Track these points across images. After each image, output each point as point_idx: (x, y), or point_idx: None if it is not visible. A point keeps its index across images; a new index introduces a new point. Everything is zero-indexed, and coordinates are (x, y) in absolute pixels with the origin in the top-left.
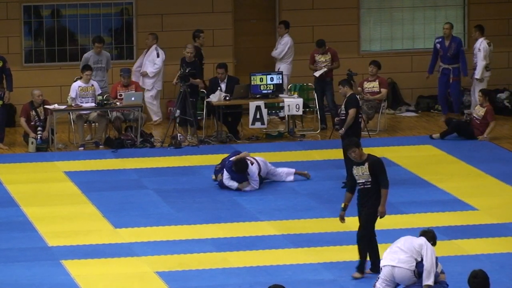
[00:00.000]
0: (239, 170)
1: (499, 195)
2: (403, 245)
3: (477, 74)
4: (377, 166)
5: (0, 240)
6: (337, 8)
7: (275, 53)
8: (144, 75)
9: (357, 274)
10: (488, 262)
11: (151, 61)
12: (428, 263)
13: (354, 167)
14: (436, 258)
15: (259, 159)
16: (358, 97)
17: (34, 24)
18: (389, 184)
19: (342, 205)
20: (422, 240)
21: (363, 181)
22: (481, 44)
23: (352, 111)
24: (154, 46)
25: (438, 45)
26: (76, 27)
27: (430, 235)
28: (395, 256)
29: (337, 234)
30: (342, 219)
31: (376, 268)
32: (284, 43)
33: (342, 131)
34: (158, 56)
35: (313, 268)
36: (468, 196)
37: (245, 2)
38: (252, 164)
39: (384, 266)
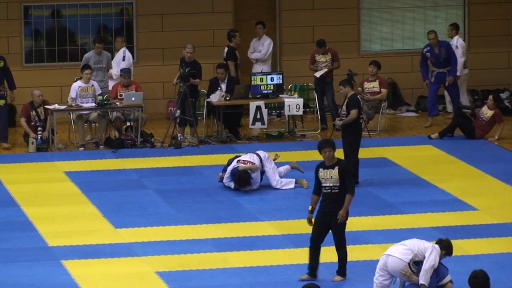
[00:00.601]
0: (241, 184)
1: (499, 195)
2: (407, 241)
3: (458, 71)
4: (348, 171)
5: (0, 240)
6: (337, 8)
7: (259, 55)
8: (110, 77)
9: (338, 278)
10: (488, 262)
11: (117, 64)
12: (427, 264)
13: (321, 170)
14: (447, 270)
15: (262, 154)
16: (358, 97)
17: (34, 24)
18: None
19: (310, 207)
20: (431, 244)
21: (331, 185)
22: (458, 42)
23: (354, 112)
24: (123, 49)
25: (428, 54)
26: (76, 27)
27: (444, 244)
28: (393, 248)
29: None
30: (310, 222)
31: (314, 273)
32: (268, 44)
33: (339, 122)
34: (124, 59)
35: None
36: (468, 196)
37: (245, 2)
38: (254, 171)
39: (381, 256)
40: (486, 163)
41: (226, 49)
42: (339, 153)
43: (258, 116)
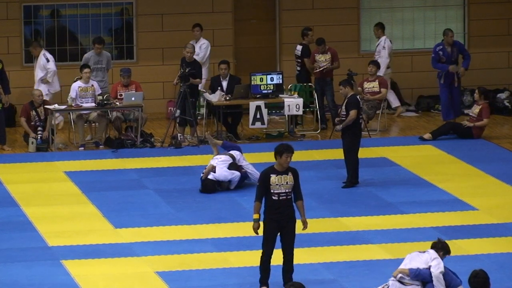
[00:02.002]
0: (208, 191)
1: (499, 195)
2: (410, 263)
3: (381, 72)
4: (298, 176)
5: (0, 240)
6: (337, 8)
7: (197, 58)
8: (46, 82)
9: None
10: (488, 262)
11: (42, 68)
12: (435, 272)
13: (274, 176)
14: (460, 281)
15: (236, 154)
16: (358, 97)
17: (34, 24)
18: None
19: (256, 216)
20: (427, 252)
21: (286, 191)
22: (386, 42)
23: (353, 112)
24: (42, 52)
25: (441, 53)
26: (76, 27)
27: (439, 246)
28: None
29: (337, 234)
30: (258, 230)
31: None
32: (206, 47)
33: (339, 127)
34: (48, 61)
35: (313, 268)
36: (468, 196)
37: (245, 2)
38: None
39: (393, 281)
40: (486, 163)
41: (299, 46)
42: (339, 153)
43: (258, 116)
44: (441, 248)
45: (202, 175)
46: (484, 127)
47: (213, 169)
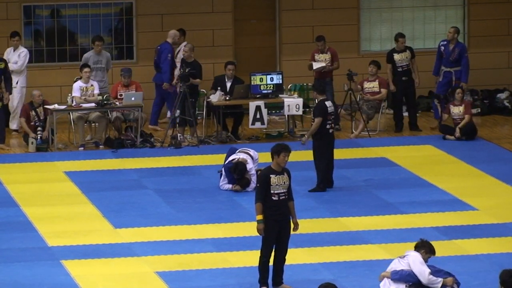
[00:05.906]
0: (239, 173)
1: (499, 195)
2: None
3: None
4: (291, 176)
5: (0, 240)
6: (337, 8)
7: (16, 66)
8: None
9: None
10: (488, 262)
11: None
12: (421, 277)
13: (274, 176)
14: (450, 275)
15: (253, 153)
16: (358, 96)
17: (34, 24)
18: None
19: (260, 217)
20: (408, 255)
21: (284, 191)
22: (186, 47)
23: (317, 120)
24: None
25: (442, 48)
26: (76, 27)
27: (419, 245)
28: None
29: (337, 234)
30: (262, 231)
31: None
32: (24, 55)
33: (304, 139)
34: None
35: (313, 268)
36: (468, 196)
37: (245, 2)
38: (247, 163)
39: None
40: (486, 163)
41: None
42: (339, 153)
43: (258, 116)
44: (422, 247)
45: (231, 163)
46: (472, 122)
47: (246, 163)
